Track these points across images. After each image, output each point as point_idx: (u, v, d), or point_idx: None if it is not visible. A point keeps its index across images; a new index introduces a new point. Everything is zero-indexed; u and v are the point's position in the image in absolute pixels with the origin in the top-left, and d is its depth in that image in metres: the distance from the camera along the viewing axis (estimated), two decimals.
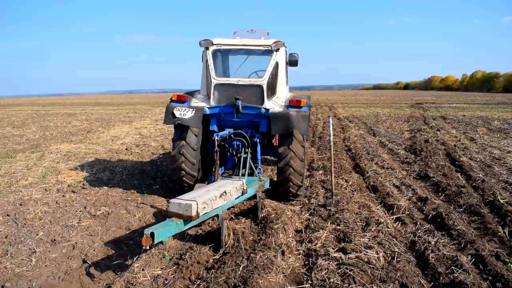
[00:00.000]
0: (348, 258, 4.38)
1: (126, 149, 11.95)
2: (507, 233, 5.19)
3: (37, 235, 5.19)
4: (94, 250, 4.84)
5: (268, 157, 8.75)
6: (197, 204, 4.20)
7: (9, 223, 5.62)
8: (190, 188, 6.37)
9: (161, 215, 6.06)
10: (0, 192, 7.06)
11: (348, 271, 4.04)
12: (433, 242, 4.85)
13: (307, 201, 6.71)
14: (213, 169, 6.17)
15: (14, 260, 4.53)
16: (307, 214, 6.09)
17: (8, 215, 5.90)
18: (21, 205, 6.37)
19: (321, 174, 8.48)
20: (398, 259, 4.46)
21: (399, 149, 11.53)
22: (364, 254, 4.50)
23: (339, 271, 4.10)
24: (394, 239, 5.03)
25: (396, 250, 4.69)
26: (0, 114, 29.34)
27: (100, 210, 6.19)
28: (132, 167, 9.39)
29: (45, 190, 7.27)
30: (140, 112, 29.82)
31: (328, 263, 4.28)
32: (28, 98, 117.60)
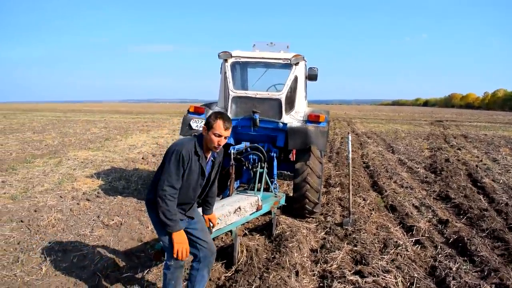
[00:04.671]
0: (365, 282, 4.21)
1: (142, 158, 11.95)
2: None
3: (49, 243, 5.14)
4: (104, 261, 4.76)
5: (284, 172, 8.62)
6: None
7: (22, 229, 5.59)
8: None
9: None
10: (16, 198, 7.06)
11: None
12: (454, 268, 4.64)
13: (323, 219, 6.56)
14: (228, 183, 6.06)
15: (24, 268, 4.48)
16: (323, 233, 5.94)
17: (22, 221, 5.87)
18: (35, 211, 6.35)
19: (338, 191, 8.30)
20: (418, 285, 4.28)
21: (418, 168, 11.28)
22: (382, 278, 4.32)
23: None
24: (413, 263, 4.83)
25: (416, 275, 4.49)
26: (22, 119, 29.82)
27: (113, 220, 6.12)
28: (147, 176, 9.36)
29: (60, 197, 7.25)
30: (158, 121, 30.01)
31: (344, 287, 4.12)
32: (50, 104, 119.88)
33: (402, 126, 28.39)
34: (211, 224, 4.01)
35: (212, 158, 3.56)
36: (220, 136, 3.30)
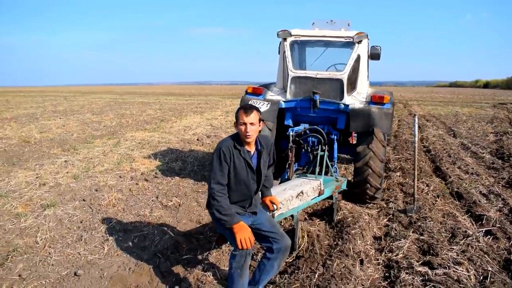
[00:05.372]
0: (435, 274, 3.95)
1: (197, 139, 12.02)
2: None
3: (110, 222, 5.22)
4: (164, 242, 4.77)
5: (343, 155, 8.33)
6: None
7: (84, 208, 5.72)
8: None
9: None
10: (78, 177, 7.25)
11: None
12: None
13: (385, 205, 6.27)
14: (287, 166, 5.90)
15: (87, 247, 4.56)
16: (386, 220, 5.68)
17: (84, 200, 6.01)
18: (96, 190, 6.48)
19: (399, 176, 7.95)
20: (492, 279, 3.96)
21: (484, 153, 10.62)
22: (453, 271, 4.03)
23: None
24: (485, 256, 4.48)
25: (489, 268, 4.17)
26: (82, 102, 31.01)
27: (171, 201, 6.15)
28: (203, 158, 9.38)
29: (120, 177, 7.38)
30: (211, 103, 30.23)
31: (413, 278, 3.88)
32: (106, 86, 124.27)
33: (462, 108, 27.00)
34: (275, 207, 3.89)
35: (257, 151, 3.53)
36: (244, 124, 3.30)
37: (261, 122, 3.48)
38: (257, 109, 3.44)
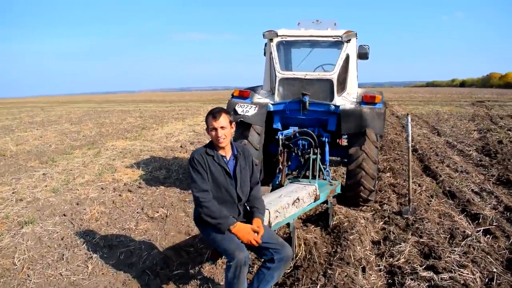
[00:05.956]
0: (441, 278, 3.77)
1: (181, 146, 11.72)
2: None
3: (93, 238, 4.91)
4: (153, 258, 4.48)
5: (332, 157, 8.14)
6: (269, 213, 3.72)
7: (65, 224, 5.39)
8: None
9: None
10: (58, 191, 6.90)
11: None
12: None
13: (379, 207, 6.09)
14: (277, 171, 5.67)
15: (70, 266, 4.25)
16: (382, 223, 5.49)
17: (64, 215, 5.68)
18: (77, 204, 6.16)
19: (390, 177, 7.80)
20: (498, 281, 3.80)
21: (470, 151, 10.59)
22: (459, 274, 3.86)
23: None
24: (488, 257, 4.33)
25: (494, 270, 4.02)
26: (59, 112, 30.31)
27: (157, 212, 5.86)
28: (188, 165, 9.08)
29: (102, 188, 7.06)
30: (193, 109, 29.86)
31: (418, 285, 3.69)
32: (85, 95, 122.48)
33: (443, 107, 27.20)
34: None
35: (233, 156, 3.45)
36: (214, 129, 3.23)
37: (233, 124, 3.35)
38: (226, 112, 3.29)
